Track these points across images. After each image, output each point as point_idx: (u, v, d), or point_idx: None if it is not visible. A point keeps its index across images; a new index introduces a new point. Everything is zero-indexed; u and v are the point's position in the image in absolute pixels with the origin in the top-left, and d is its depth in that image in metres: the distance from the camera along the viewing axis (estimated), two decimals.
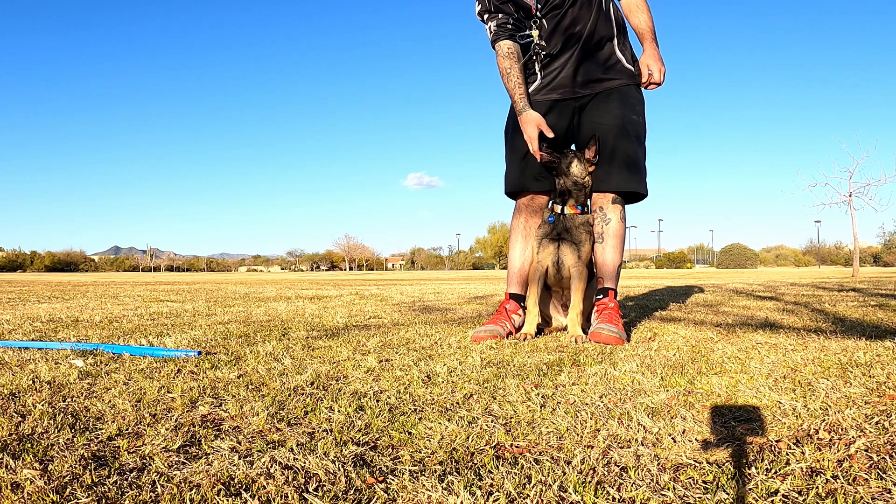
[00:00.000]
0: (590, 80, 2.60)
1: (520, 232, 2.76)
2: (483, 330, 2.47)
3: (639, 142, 2.62)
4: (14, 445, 1.06)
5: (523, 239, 2.75)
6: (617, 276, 2.60)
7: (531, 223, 2.74)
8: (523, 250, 2.74)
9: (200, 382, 1.58)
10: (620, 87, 2.60)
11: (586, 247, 2.52)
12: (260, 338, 2.51)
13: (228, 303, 5.12)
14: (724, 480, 0.89)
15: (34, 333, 2.79)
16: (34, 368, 1.77)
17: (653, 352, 2.03)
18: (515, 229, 2.78)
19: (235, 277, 24.00)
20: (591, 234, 2.56)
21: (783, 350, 2.00)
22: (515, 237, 2.78)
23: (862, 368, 1.63)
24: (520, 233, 2.76)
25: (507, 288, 2.78)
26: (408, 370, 1.74)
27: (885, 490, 0.85)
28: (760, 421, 1.17)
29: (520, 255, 2.75)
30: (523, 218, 2.76)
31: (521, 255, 2.74)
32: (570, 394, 1.42)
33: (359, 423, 1.19)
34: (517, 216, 2.78)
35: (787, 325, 2.75)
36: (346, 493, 0.86)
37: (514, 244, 2.78)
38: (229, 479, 0.90)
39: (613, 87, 2.60)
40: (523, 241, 2.75)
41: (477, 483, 0.89)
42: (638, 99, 2.65)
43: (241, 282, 13.69)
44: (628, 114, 2.58)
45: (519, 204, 2.78)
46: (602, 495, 0.85)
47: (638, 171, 2.60)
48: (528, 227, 2.74)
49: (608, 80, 2.60)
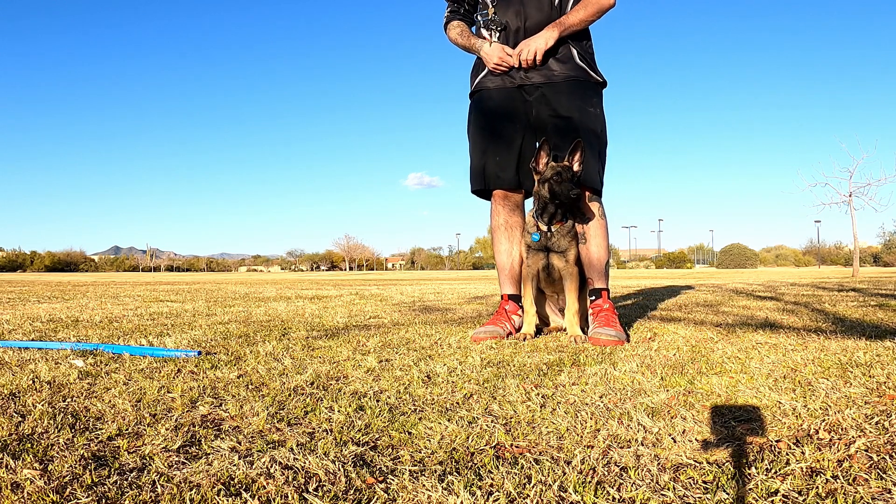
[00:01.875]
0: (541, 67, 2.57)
1: (502, 232, 2.73)
2: (483, 331, 2.47)
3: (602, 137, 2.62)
4: (14, 445, 1.06)
5: (507, 238, 2.72)
6: (607, 275, 2.59)
7: (512, 220, 2.71)
8: (509, 250, 2.72)
9: (200, 382, 1.58)
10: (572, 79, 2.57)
11: (573, 250, 2.50)
12: (260, 338, 2.51)
13: (228, 303, 5.11)
14: (724, 480, 0.89)
15: (34, 333, 2.79)
16: (34, 368, 1.77)
17: (653, 352, 2.03)
18: (497, 229, 2.75)
19: (235, 277, 24.00)
20: (576, 235, 2.53)
21: (783, 350, 2.00)
22: (499, 238, 2.75)
23: (862, 368, 1.63)
24: (502, 233, 2.73)
25: (501, 289, 2.77)
26: (408, 370, 1.74)
27: (884, 490, 0.85)
28: (760, 421, 1.17)
29: (507, 256, 2.73)
30: (503, 217, 2.72)
31: (507, 255, 2.73)
32: (570, 394, 1.42)
33: (359, 423, 1.19)
34: (495, 215, 2.74)
35: (787, 325, 2.75)
36: (346, 493, 0.86)
37: (499, 245, 2.75)
38: (229, 479, 0.90)
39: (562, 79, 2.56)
40: (507, 240, 2.72)
41: (477, 483, 0.89)
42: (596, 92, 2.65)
43: (241, 282, 13.69)
44: (585, 106, 2.57)
45: (494, 202, 2.74)
46: (602, 495, 0.85)
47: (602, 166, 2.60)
48: (510, 225, 2.71)
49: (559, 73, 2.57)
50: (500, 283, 2.78)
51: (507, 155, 2.64)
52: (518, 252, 2.70)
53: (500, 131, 2.66)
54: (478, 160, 2.70)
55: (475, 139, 2.73)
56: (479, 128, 2.71)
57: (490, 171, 2.67)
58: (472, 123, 2.75)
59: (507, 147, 2.65)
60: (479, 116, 2.72)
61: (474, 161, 2.73)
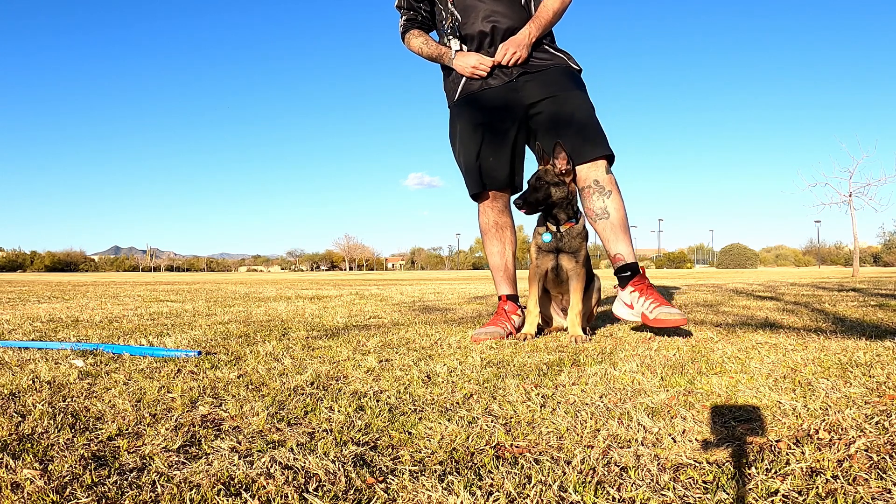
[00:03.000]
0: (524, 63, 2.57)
1: (493, 233, 2.74)
2: (483, 331, 2.47)
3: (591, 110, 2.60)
4: (14, 445, 1.06)
5: (498, 239, 2.73)
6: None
7: (502, 221, 2.72)
8: (502, 251, 2.73)
9: (200, 382, 1.58)
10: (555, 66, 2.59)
11: (583, 252, 2.50)
12: (260, 338, 2.51)
13: (228, 303, 5.11)
14: (724, 480, 0.89)
15: (34, 333, 2.79)
16: (34, 368, 1.77)
17: (653, 352, 2.03)
18: (487, 231, 2.75)
19: (235, 277, 23.99)
20: (587, 237, 2.53)
21: (783, 350, 2.00)
22: (490, 239, 2.75)
23: (862, 368, 1.63)
24: (493, 235, 2.74)
25: (497, 291, 2.77)
26: (408, 370, 1.74)
27: (885, 490, 0.85)
28: (760, 421, 1.17)
29: (500, 256, 2.74)
30: (492, 217, 2.72)
31: (500, 255, 2.74)
32: (570, 394, 1.42)
33: (359, 423, 1.19)
34: (483, 216, 2.74)
35: (787, 325, 2.75)
36: (346, 493, 0.86)
37: (491, 246, 2.75)
38: (229, 479, 0.90)
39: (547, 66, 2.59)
40: (499, 241, 2.73)
41: (477, 483, 0.89)
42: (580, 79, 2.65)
43: (241, 282, 13.69)
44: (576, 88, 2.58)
45: (483, 203, 2.73)
46: (602, 495, 0.85)
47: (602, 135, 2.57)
48: (500, 226, 2.72)
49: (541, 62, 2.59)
50: (495, 284, 2.79)
51: (500, 153, 2.63)
52: (510, 251, 2.73)
53: (491, 130, 2.63)
54: (472, 162, 2.67)
55: (466, 143, 2.68)
56: (470, 131, 2.66)
57: (485, 170, 2.65)
58: (462, 128, 2.70)
59: (500, 145, 2.63)
60: (469, 120, 2.67)
61: (469, 164, 2.69)
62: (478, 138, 2.64)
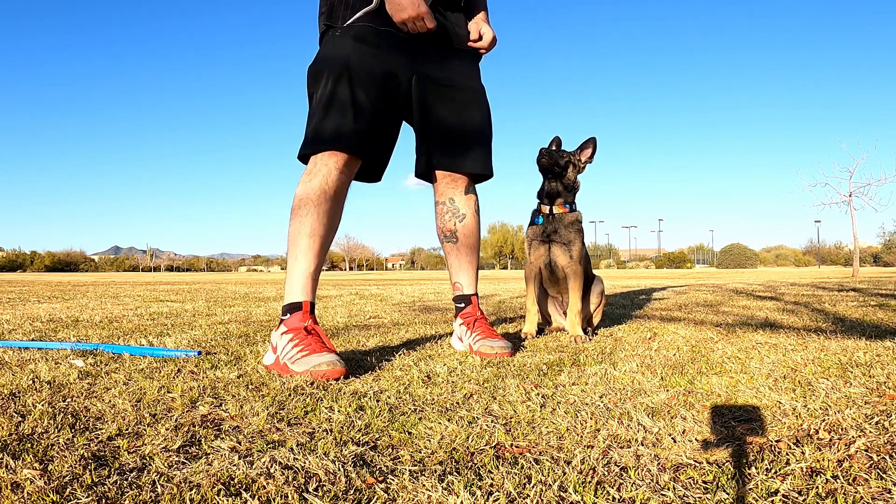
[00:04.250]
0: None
1: (332, 205, 1.91)
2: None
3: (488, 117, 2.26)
4: (14, 445, 1.06)
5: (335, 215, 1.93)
6: (477, 280, 2.27)
7: (343, 194, 1.96)
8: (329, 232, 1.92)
9: (200, 382, 1.58)
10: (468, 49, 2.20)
11: (577, 245, 2.45)
12: (260, 338, 2.51)
13: (228, 303, 5.11)
14: (724, 480, 0.89)
15: (34, 333, 2.79)
16: (34, 368, 1.77)
17: (653, 352, 2.03)
18: (324, 199, 1.88)
19: (235, 277, 23.99)
20: (581, 231, 2.49)
21: (783, 350, 2.00)
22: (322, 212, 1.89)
23: (862, 368, 1.63)
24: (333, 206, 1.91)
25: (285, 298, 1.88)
26: (408, 370, 1.74)
27: (885, 490, 0.85)
28: (760, 421, 1.17)
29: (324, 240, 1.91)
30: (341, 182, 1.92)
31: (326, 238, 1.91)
32: (570, 394, 1.42)
33: (359, 423, 1.19)
34: (327, 178, 1.89)
35: (787, 325, 2.75)
36: (346, 493, 0.86)
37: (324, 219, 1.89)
38: (229, 479, 0.90)
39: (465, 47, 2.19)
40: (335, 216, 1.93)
41: (477, 483, 0.89)
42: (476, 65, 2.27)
43: (241, 282, 13.69)
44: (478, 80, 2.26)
45: (333, 162, 1.90)
46: (602, 495, 0.85)
47: (490, 149, 2.26)
48: (340, 197, 1.94)
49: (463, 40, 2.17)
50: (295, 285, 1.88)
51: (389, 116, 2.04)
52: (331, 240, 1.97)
53: (394, 82, 2.01)
54: (366, 111, 1.94)
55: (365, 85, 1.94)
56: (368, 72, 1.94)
57: (371, 126, 1.96)
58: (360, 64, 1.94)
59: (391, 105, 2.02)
60: (373, 57, 1.96)
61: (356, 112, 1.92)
62: (376, 87, 1.96)
